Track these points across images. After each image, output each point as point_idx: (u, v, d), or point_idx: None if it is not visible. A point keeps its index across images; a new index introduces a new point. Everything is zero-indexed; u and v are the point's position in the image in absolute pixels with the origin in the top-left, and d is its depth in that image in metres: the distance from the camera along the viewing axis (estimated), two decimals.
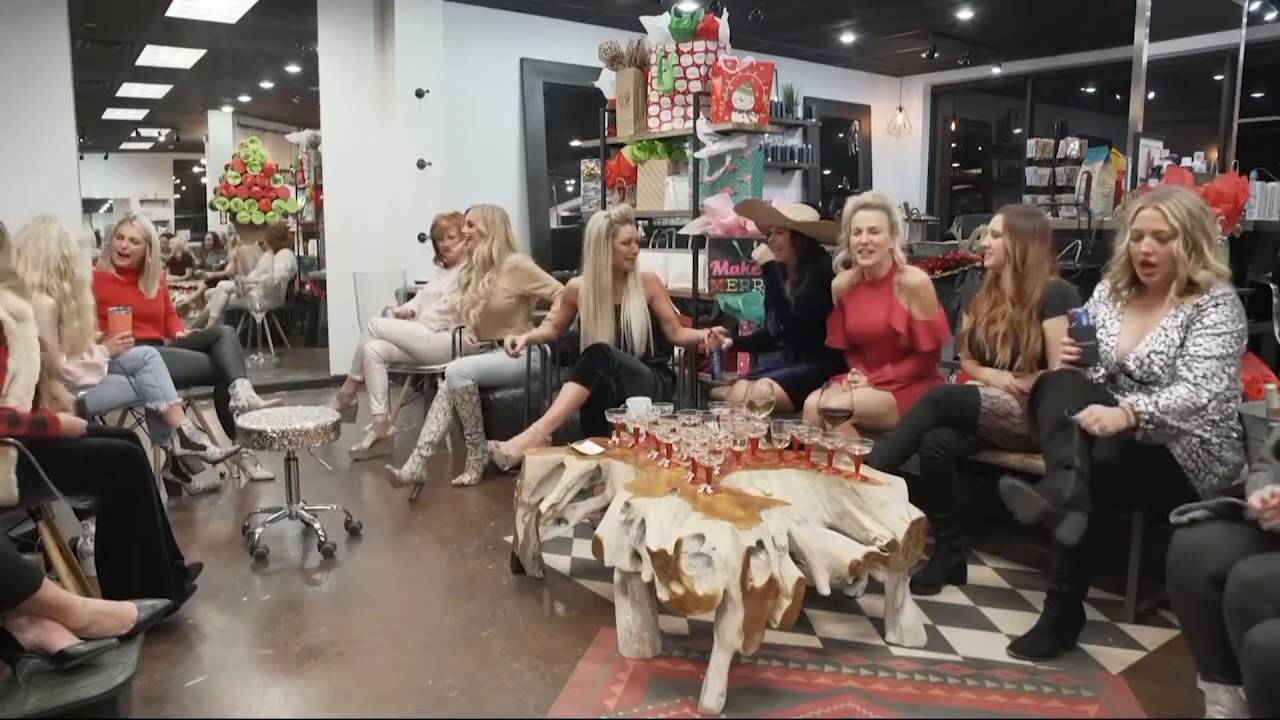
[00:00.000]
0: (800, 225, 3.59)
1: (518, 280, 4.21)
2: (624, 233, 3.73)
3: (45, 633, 1.94)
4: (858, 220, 3.18)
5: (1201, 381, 2.28)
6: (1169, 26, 6.10)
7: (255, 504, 3.73)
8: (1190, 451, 2.36)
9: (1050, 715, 2.12)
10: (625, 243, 3.73)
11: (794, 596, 2.07)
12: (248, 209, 8.07)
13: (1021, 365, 2.86)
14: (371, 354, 4.35)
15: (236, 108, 9.57)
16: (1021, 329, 2.86)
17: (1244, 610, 1.69)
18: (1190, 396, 2.27)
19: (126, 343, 3.51)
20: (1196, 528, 1.90)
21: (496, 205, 4.32)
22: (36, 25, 5.18)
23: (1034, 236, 2.85)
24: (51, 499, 2.38)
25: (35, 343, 2.35)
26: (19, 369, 2.30)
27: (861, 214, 3.18)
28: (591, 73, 5.18)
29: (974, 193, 9.93)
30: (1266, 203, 3.89)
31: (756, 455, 2.66)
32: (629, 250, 3.74)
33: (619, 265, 3.75)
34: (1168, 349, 2.36)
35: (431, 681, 2.29)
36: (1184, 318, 2.36)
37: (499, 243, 4.21)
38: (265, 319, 7.31)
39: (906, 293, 3.13)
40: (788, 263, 3.68)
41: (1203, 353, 2.30)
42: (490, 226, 4.21)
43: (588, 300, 3.77)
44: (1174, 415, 2.27)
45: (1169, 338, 2.37)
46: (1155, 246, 2.35)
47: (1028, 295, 2.86)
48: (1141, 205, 2.40)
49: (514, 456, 3.39)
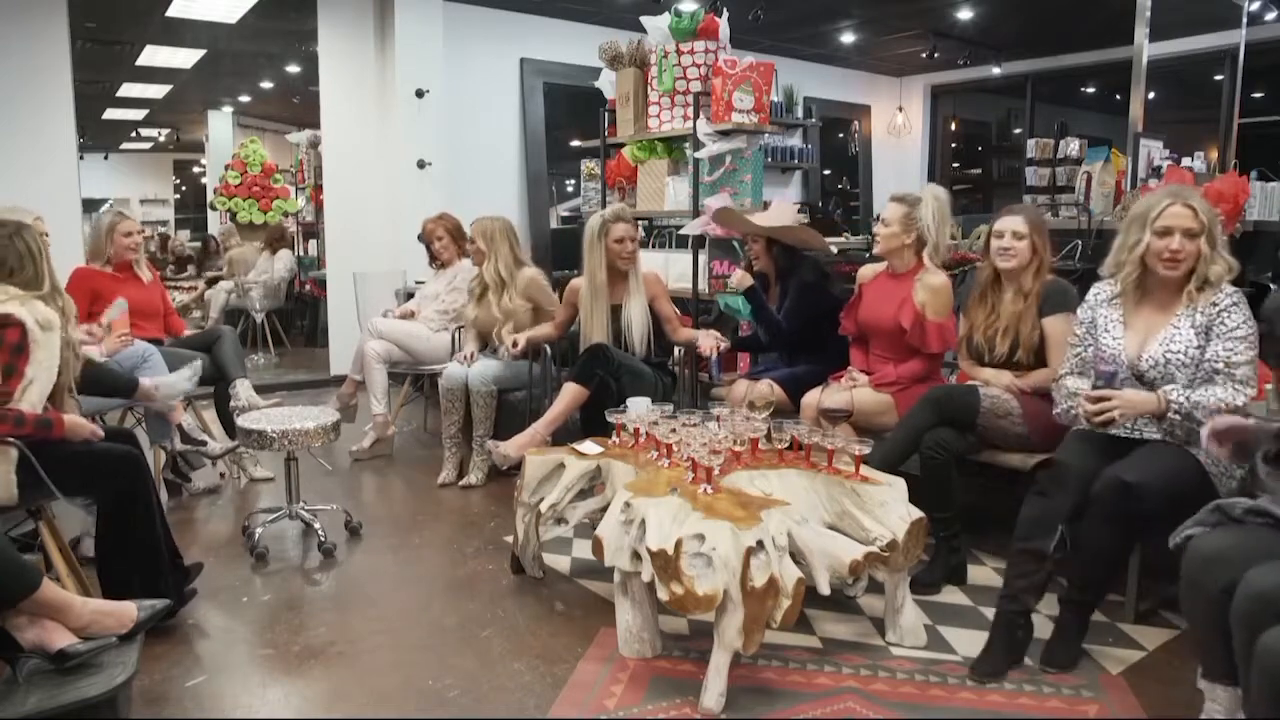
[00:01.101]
0: (774, 231, 3.57)
1: (533, 293, 4.14)
2: (616, 231, 3.72)
3: (45, 632, 1.94)
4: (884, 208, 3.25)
5: (1239, 387, 2.28)
6: (1169, 26, 6.09)
7: (255, 504, 3.73)
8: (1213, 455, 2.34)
9: (1050, 715, 2.12)
10: (618, 241, 3.72)
11: (794, 596, 2.07)
12: (248, 209, 8.07)
13: (1021, 358, 2.87)
14: (371, 354, 4.35)
15: (236, 108, 9.57)
16: (1022, 321, 2.87)
17: (1252, 618, 1.68)
18: (1229, 398, 2.27)
19: (126, 340, 3.50)
20: (1212, 536, 1.88)
21: (497, 216, 4.20)
22: (36, 25, 5.18)
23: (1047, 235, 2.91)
24: (51, 499, 2.39)
25: (57, 354, 2.38)
26: (36, 376, 2.32)
27: (888, 204, 3.24)
28: (591, 73, 5.18)
29: (974, 193, 9.92)
30: (1266, 203, 3.88)
31: (756, 455, 2.66)
32: (622, 249, 3.73)
33: (614, 264, 3.75)
34: (1184, 349, 2.34)
35: (431, 681, 2.29)
36: (1201, 319, 2.34)
37: (505, 260, 4.09)
38: (265, 319, 7.31)
39: (926, 292, 3.12)
40: (768, 273, 3.67)
41: (1238, 358, 2.29)
42: (491, 243, 4.09)
43: (586, 299, 3.78)
44: (1203, 412, 2.24)
45: (1184, 337, 2.35)
46: (1185, 244, 2.34)
47: (1030, 291, 2.88)
48: (1169, 202, 2.37)
49: (513, 457, 3.40)
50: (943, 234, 3.18)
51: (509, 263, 4.11)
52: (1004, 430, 2.81)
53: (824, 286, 3.55)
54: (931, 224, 3.13)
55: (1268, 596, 1.66)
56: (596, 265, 3.74)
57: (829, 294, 3.58)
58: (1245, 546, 1.79)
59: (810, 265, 3.57)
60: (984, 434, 2.84)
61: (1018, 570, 2.34)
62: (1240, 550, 1.79)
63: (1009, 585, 2.36)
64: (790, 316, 3.53)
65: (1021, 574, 2.33)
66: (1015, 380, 2.85)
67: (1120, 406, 2.30)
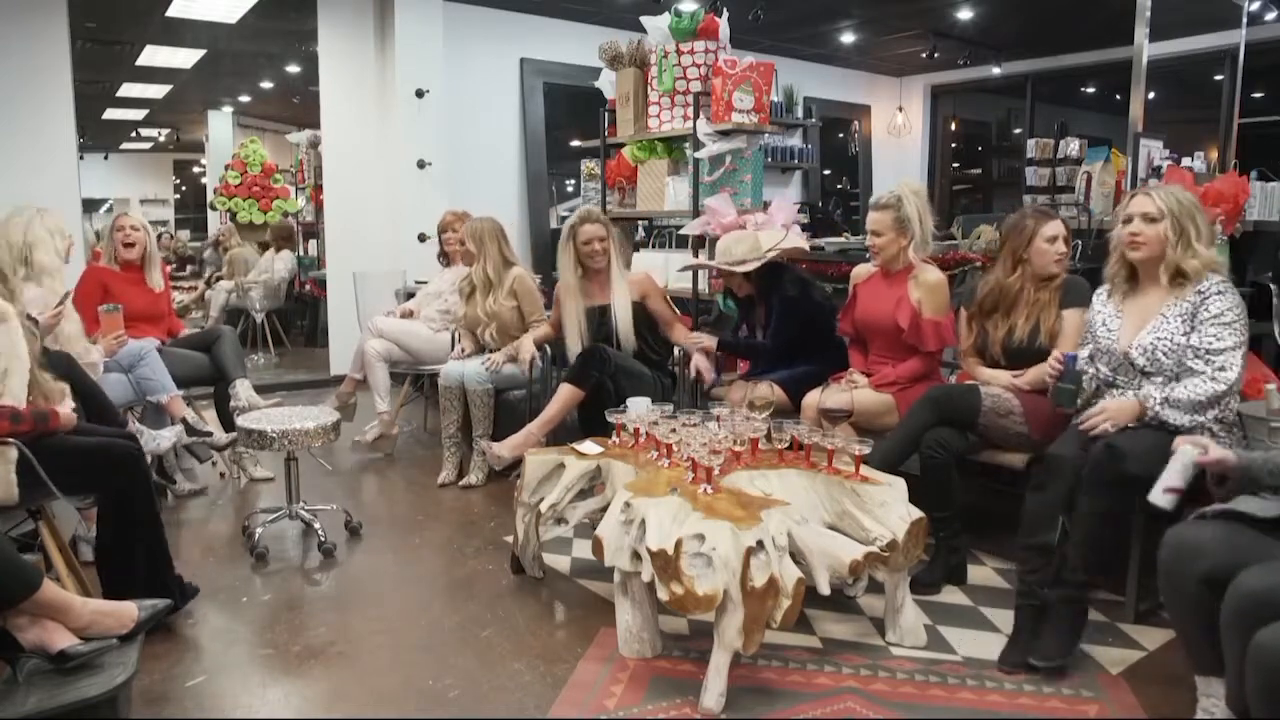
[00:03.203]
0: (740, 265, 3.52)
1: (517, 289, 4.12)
2: (583, 233, 3.75)
3: (45, 633, 1.94)
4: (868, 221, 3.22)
5: (1219, 374, 2.34)
6: (1169, 26, 6.09)
7: (255, 504, 3.73)
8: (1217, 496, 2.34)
9: (1050, 715, 2.12)
10: (585, 243, 3.75)
11: (794, 596, 2.07)
12: (248, 209, 8.06)
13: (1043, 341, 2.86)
14: (372, 353, 4.35)
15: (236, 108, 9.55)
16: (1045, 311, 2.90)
17: (1243, 620, 1.70)
18: (1209, 388, 2.34)
19: (121, 341, 3.51)
20: (1187, 527, 1.92)
21: (487, 218, 4.19)
22: (36, 25, 5.18)
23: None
24: (52, 499, 2.39)
25: (20, 340, 2.37)
26: (8, 366, 2.32)
27: (870, 215, 3.21)
28: (591, 73, 5.18)
29: (974, 193, 9.93)
30: (1266, 203, 3.88)
31: (756, 455, 2.66)
32: (589, 249, 3.75)
33: (587, 264, 3.78)
34: (1171, 337, 2.42)
35: (431, 681, 2.29)
36: (1187, 307, 2.42)
37: (494, 261, 4.10)
38: (265, 319, 7.31)
39: (921, 290, 3.11)
40: (753, 296, 3.66)
41: (1217, 345, 2.35)
42: (480, 245, 4.09)
43: (564, 300, 3.83)
44: (1185, 407, 2.35)
45: (1170, 326, 2.43)
46: (1142, 227, 2.46)
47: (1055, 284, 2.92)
48: (1133, 194, 2.54)
49: (507, 457, 3.40)
50: (926, 226, 3.18)
51: (497, 264, 4.11)
52: (1005, 429, 2.81)
53: (807, 294, 3.52)
54: (915, 219, 3.13)
55: (1260, 597, 1.68)
56: (568, 266, 3.79)
57: (812, 300, 3.54)
58: (1219, 537, 1.83)
59: (790, 278, 3.54)
60: (985, 433, 2.84)
61: (1028, 566, 2.38)
62: (1215, 541, 1.83)
63: (1022, 581, 2.40)
64: (776, 335, 3.52)
65: (1032, 569, 2.37)
66: (1015, 379, 2.86)
67: (1110, 416, 2.41)
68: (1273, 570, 1.72)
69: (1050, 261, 2.89)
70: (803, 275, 3.70)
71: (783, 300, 3.50)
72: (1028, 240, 2.91)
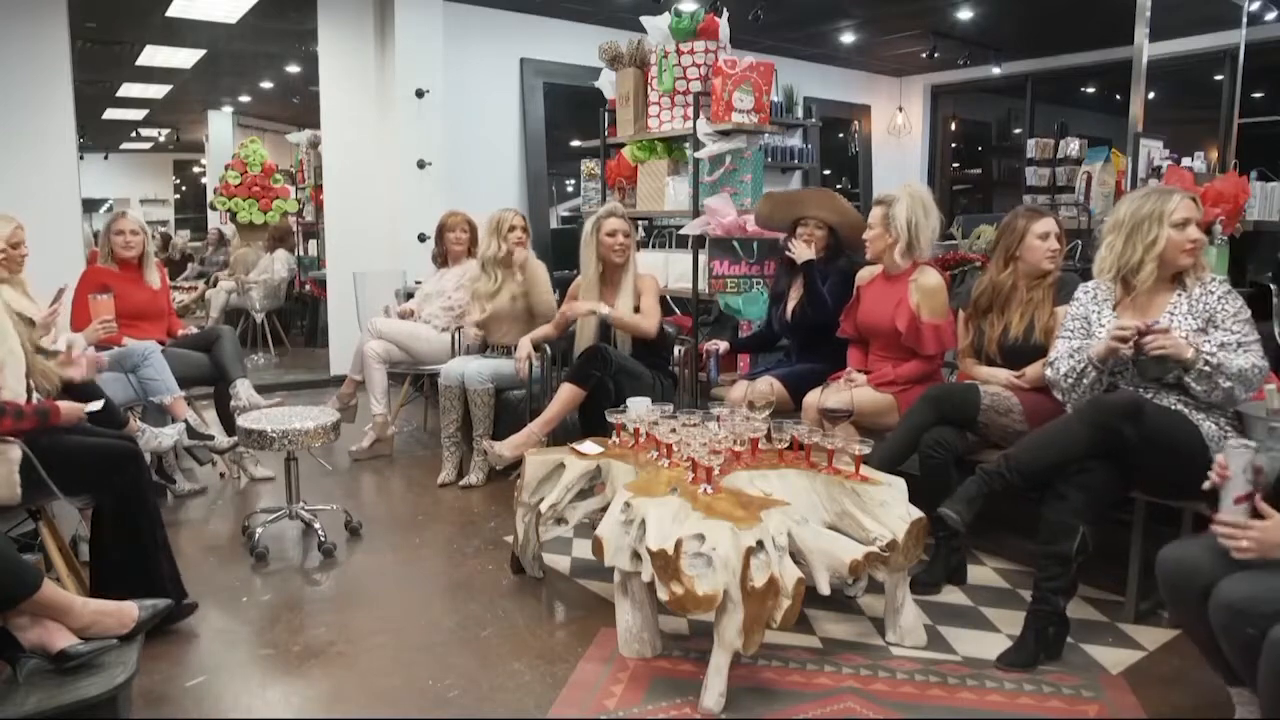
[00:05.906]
0: (842, 220, 3.55)
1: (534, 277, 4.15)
2: (608, 225, 3.79)
3: (46, 633, 1.94)
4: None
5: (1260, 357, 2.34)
6: (1169, 26, 6.09)
7: (255, 504, 3.73)
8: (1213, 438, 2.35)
9: (1050, 715, 2.12)
10: (610, 234, 3.78)
11: (794, 596, 2.07)
12: (248, 209, 8.06)
13: (1038, 339, 2.87)
14: (371, 354, 4.34)
15: (236, 108, 9.56)
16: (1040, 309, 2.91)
17: (1227, 629, 1.71)
18: (1258, 361, 2.32)
19: (108, 327, 3.47)
20: (1181, 546, 1.91)
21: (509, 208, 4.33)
22: (36, 25, 5.18)
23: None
24: (52, 499, 2.39)
25: (11, 333, 2.37)
26: (1, 360, 2.32)
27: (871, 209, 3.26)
28: (591, 73, 5.18)
29: (974, 193, 9.93)
30: (1266, 203, 3.88)
31: (756, 455, 2.66)
32: (614, 241, 3.78)
33: (607, 258, 3.80)
34: (1185, 334, 2.38)
35: (431, 681, 2.29)
36: (1196, 305, 2.41)
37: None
38: (265, 319, 7.31)
39: (920, 293, 3.11)
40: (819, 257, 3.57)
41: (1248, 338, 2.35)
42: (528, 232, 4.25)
43: (581, 296, 3.84)
44: (1230, 372, 2.28)
45: (1182, 323, 2.40)
46: (1199, 234, 2.42)
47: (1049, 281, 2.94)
48: (1179, 197, 2.44)
49: (507, 457, 3.40)
50: (923, 231, 3.15)
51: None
52: (1005, 428, 2.81)
53: (852, 282, 3.51)
54: (903, 223, 3.11)
55: (1237, 607, 1.69)
56: (590, 261, 3.81)
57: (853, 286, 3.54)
58: (1212, 550, 1.81)
59: (845, 259, 3.58)
60: (985, 432, 2.84)
61: (1045, 574, 2.33)
62: (1208, 552, 1.81)
63: (1038, 588, 2.36)
64: (833, 299, 3.48)
65: (1049, 576, 2.32)
66: (1014, 378, 2.86)
67: (1170, 343, 2.29)
68: (1249, 577, 1.72)
69: (1043, 258, 2.90)
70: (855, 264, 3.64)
71: (840, 272, 3.51)
72: (1020, 238, 2.93)
